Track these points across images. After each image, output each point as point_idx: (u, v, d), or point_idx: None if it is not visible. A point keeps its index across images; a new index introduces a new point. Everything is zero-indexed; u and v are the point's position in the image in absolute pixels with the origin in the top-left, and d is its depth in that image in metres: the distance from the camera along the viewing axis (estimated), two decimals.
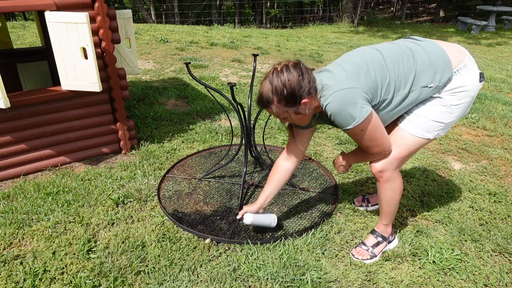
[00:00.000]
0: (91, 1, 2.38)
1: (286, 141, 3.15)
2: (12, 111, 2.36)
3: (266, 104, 1.57)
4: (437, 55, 1.55)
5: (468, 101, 1.60)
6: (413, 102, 1.60)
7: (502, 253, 1.92)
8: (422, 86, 1.55)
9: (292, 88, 1.49)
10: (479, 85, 1.59)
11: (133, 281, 1.70)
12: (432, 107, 1.60)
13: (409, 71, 1.54)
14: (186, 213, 2.17)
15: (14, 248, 1.88)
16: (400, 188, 1.76)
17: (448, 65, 1.54)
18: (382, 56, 1.56)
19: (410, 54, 1.55)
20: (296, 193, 2.40)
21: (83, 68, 2.28)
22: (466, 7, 15.32)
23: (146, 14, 15.47)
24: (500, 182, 2.61)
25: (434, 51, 1.56)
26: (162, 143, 3.01)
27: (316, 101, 1.57)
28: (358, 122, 1.50)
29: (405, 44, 1.61)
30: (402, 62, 1.54)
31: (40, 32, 3.19)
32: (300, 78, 1.50)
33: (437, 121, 1.61)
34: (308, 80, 1.51)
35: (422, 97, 1.59)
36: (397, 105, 1.59)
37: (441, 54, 1.55)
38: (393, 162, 1.68)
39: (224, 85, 4.60)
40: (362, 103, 1.49)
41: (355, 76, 1.51)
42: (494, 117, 3.87)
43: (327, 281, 1.72)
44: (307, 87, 1.50)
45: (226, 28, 10.01)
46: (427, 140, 1.65)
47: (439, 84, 1.55)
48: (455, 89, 1.56)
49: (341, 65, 1.57)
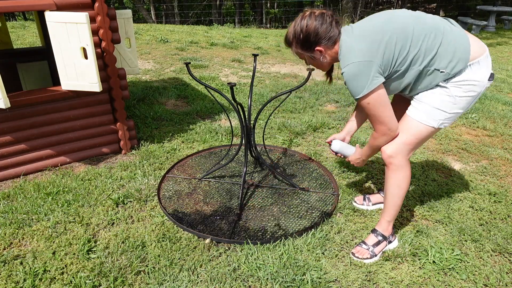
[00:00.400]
0: (91, 1, 2.38)
1: (286, 141, 3.16)
2: (12, 111, 2.36)
3: (287, 44, 1.74)
4: (462, 44, 1.56)
5: (473, 95, 1.62)
6: (422, 81, 1.63)
7: (502, 253, 1.92)
8: (436, 68, 1.57)
9: (308, 33, 1.61)
10: (487, 83, 1.61)
11: (133, 281, 1.70)
12: (437, 95, 1.64)
13: (431, 49, 1.55)
14: (186, 213, 2.17)
15: (14, 248, 1.88)
16: (407, 179, 1.77)
17: (466, 57, 1.56)
18: (412, 26, 1.56)
19: (440, 34, 1.56)
20: (296, 193, 2.40)
21: (83, 68, 2.29)
22: (466, 7, 15.31)
23: (146, 14, 15.47)
24: (500, 182, 2.61)
25: (462, 40, 1.57)
26: (162, 143, 3.01)
27: (334, 53, 1.67)
28: (365, 93, 1.56)
29: (440, 22, 1.60)
30: (428, 38, 1.55)
31: (40, 32, 3.19)
32: (318, 26, 1.60)
33: (440, 109, 1.64)
34: (327, 31, 1.61)
35: (432, 80, 1.62)
36: (408, 77, 1.63)
37: (465, 45, 1.57)
38: (402, 147, 1.71)
39: (224, 85, 4.60)
40: (374, 76, 1.55)
41: (374, 47, 1.55)
42: (494, 117, 3.87)
43: (327, 281, 1.72)
44: (322, 37, 1.61)
45: (226, 28, 10.01)
46: (432, 128, 1.67)
47: (449, 72, 1.57)
48: (462, 82, 1.59)
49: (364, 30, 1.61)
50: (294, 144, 3.11)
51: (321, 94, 4.42)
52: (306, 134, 3.32)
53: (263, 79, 5.05)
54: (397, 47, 1.55)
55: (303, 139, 3.22)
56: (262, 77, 5.19)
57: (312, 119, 3.60)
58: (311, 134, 3.32)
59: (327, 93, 4.45)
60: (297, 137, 3.24)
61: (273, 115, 3.71)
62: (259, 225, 2.08)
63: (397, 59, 1.57)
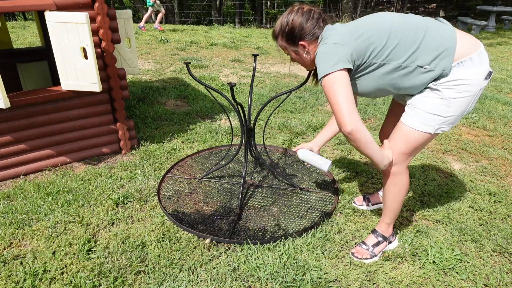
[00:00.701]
0: (91, 1, 2.38)
1: (286, 141, 3.16)
2: (12, 111, 2.36)
3: (274, 37, 1.75)
4: (447, 40, 1.49)
5: (469, 95, 1.51)
6: (405, 80, 1.56)
7: (502, 253, 1.92)
8: (418, 65, 1.51)
9: (293, 27, 1.64)
10: (483, 82, 1.50)
11: (133, 281, 1.70)
12: (430, 99, 1.56)
13: (411, 44, 1.50)
14: (186, 213, 2.17)
15: (14, 248, 1.88)
16: (406, 185, 1.74)
17: (451, 53, 1.48)
18: (392, 20, 1.54)
19: (422, 30, 1.50)
20: (296, 193, 2.40)
21: (83, 68, 2.29)
22: (466, 7, 15.31)
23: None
24: (500, 182, 2.61)
25: (447, 36, 1.50)
26: (162, 143, 3.01)
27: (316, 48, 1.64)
28: (329, 71, 1.49)
29: (425, 20, 1.56)
30: (409, 33, 1.50)
31: (40, 32, 3.19)
32: (303, 21, 1.62)
33: (434, 114, 1.56)
34: (312, 27, 1.62)
35: (418, 80, 1.54)
36: (386, 73, 1.56)
37: (451, 41, 1.49)
38: (399, 157, 1.66)
39: (224, 85, 4.60)
40: (342, 59, 1.50)
41: (349, 34, 1.54)
42: (494, 117, 3.87)
43: (327, 281, 1.72)
44: (307, 32, 1.63)
45: (226, 28, 10.00)
46: (428, 134, 1.59)
47: (433, 69, 1.50)
48: (453, 82, 1.50)
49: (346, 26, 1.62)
50: (294, 144, 3.11)
51: (321, 94, 4.42)
52: (306, 134, 3.32)
53: (263, 79, 5.05)
54: (372, 39, 1.52)
55: (303, 139, 3.22)
56: (262, 77, 5.19)
57: (312, 119, 3.60)
58: (311, 134, 3.32)
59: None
60: (297, 137, 3.24)
61: (273, 115, 3.71)
62: (259, 225, 2.08)
63: (373, 50, 1.52)
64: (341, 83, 1.49)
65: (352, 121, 1.47)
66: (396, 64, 1.53)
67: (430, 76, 1.52)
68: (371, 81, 1.61)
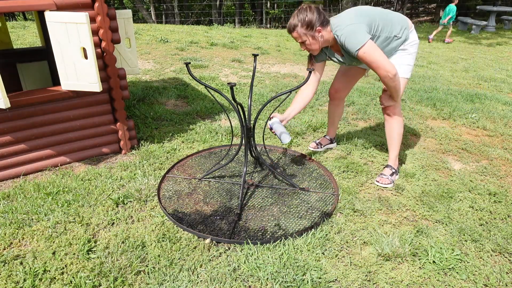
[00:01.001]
0: (91, 1, 2.38)
1: None
2: (12, 111, 2.36)
3: (292, 28, 2.24)
4: (403, 18, 2.35)
5: (416, 49, 2.41)
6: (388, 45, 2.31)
7: (502, 253, 1.92)
8: (394, 35, 2.29)
9: (310, 18, 2.19)
10: (418, 41, 2.42)
11: (133, 281, 1.70)
12: (404, 57, 2.37)
13: (387, 22, 2.26)
14: (186, 213, 2.17)
15: (14, 248, 1.88)
16: (402, 122, 2.51)
17: (408, 25, 2.36)
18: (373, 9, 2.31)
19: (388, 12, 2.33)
20: (296, 193, 2.40)
21: (83, 68, 2.29)
22: (466, 7, 15.31)
23: (146, 14, 15.48)
24: (500, 182, 2.61)
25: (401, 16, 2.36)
26: (162, 143, 3.01)
27: (328, 33, 2.25)
28: (363, 42, 2.12)
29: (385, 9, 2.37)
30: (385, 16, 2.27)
31: (40, 32, 3.19)
32: (316, 14, 2.19)
33: (409, 64, 2.39)
34: (322, 17, 2.21)
35: (394, 45, 2.33)
36: (380, 42, 2.27)
37: (405, 18, 2.37)
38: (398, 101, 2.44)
39: (224, 85, 4.60)
40: (364, 32, 2.15)
41: (357, 17, 2.20)
42: (494, 117, 3.87)
43: (327, 281, 1.72)
44: (321, 20, 2.20)
45: (226, 28, 10.01)
46: (407, 79, 2.40)
47: (402, 37, 2.31)
48: (412, 42, 2.36)
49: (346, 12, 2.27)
50: (294, 144, 3.11)
51: (321, 94, 4.42)
52: (306, 134, 3.32)
53: (263, 79, 5.05)
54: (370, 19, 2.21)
55: (303, 139, 3.22)
56: (262, 77, 5.19)
57: (312, 119, 3.60)
58: (311, 134, 3.32)
59: (327, 93, 4.45)
60: (297, 137, 3.24)
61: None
62: (259, 225, 2.08)
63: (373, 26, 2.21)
64: (374, 46, 2.16)
65: (394, 68, 2.18)
66: (384, 35, 2.27)
67: (399, 42, 2.33)
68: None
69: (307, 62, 2.55)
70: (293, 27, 2.23)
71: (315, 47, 2.29)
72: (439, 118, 3.85)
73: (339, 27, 2.18)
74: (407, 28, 2.32)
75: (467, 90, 4.89)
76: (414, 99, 4.39)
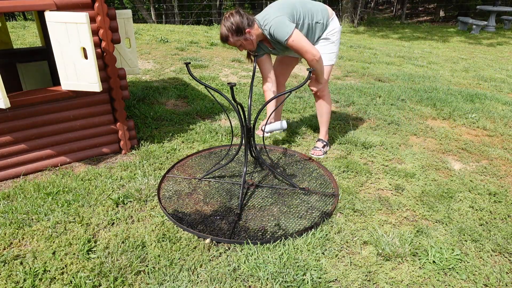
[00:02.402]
0: (91, 1, 2.38)
1: (286, 141, 3.16)
2: (12, 111, 2.36)
3: (224, 39, 2.48)
4: (324, 7, 2.62)
5: (339, 37, 2.68)
6: (313, 31, 2.59)
7: (502, 253, 1.92)
8: (316, 21, 2.56)
9: (237, 24, 2.40)
10: (340, 27, 2.69)
11: (133, 281, 1.70)
12: (328, 45, 2.66)
13: (308, 9, 2.53)
14: (186, 213, 2.17)
15: (14, 248, 1.88)
16: (330, 102, 2.87)
17: (329, 13, 2.63)
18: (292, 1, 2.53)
19: (308, 2, 2.58)
20: (296, 193, 2.40)
21: (83, 68, 2.29)
22: (466, 7, 15.32)
23: (146, 14, 15.47)
24: (500, 182, 2.61)
25: (321, 4, 2.62)
26: (162, 143, 3.01)
27: (257, 30, 2.50)
28: (290, 32, 2.39)
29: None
30: (305, 5, 2.54)
31: (40, 32, 3.19)
32: (240, 18, 2.41)
33: (332, 52, 2.68)
34: (247, 18, 2.44)
35: (318, 32, 2.61)
36: (305, 28, 2.54)
37: (325, 7, 2.64)
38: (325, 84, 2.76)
39: (224, 85, 4.60)
40: (289, 23, 2.41)
41: (280, 9, 2.44)
42: (494, 117, 3.87)
43: (327, 281, 1.72)
44: (246, 22, 2.43)
45: None
46: (331, 66, 2.72)
47: (323, 23, 2.59)
48: (332, 31, 2.63)
49: (269, 7, 2.52)
50: (294, 144, 3.11)
51: None
52: (306, 134, 3.32)
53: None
54: (293, 9, 2.46)
55: (303, 139, 3.22)
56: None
57: (312, 119, 3.60)
58: (311, 134, 3.32)
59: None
60: (297, 137, 3.24)
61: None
62: (259, 225, 2.08)
63: (295, 15, 2.47)
64: (300, 34, 2.44)
65: (318, 52, 2.49)
66: (307, 22, 2.53)
67: (321, 27, 2.59)
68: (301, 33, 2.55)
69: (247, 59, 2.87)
70: (226, 37, 2.45)
71: (251, 46, 2.53)
72: (439, 118, 3.85)
73: (266, 21, 2.43)
74: (327, 15, 2.59)
75: (467, 90, 4.89)
76: (414, 99, 4.39)
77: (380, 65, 6.55)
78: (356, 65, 6.28)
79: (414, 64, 6.79)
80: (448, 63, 7.07)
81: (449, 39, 10.65)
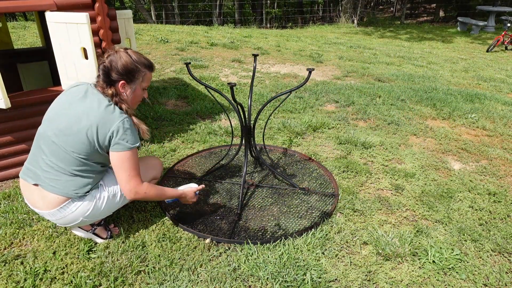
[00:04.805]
0: (92, 2, 2.38)
1: (286, 141, 3.16)
2: (12, 111, 2.36)
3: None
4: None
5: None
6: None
7: (501, 253, 1.93)
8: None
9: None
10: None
11: (133, 281, 1.70)
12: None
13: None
14: (186, 213, 2.17)
15: (15, 248, 1.88)
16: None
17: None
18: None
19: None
20: (296, 193, 2.41)
21: (83, 68, 2.29)
22: (466, 7, 15.32)
23: (146, 14, 15.48)
24: (500, 182, 2.61)
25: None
26: (162, 143, 3.02)
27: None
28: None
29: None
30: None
31: (41, 32, 3.20)
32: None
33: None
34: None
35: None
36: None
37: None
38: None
39: (224, 85, 4.60)
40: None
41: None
42: (494, 117, 3.87)
43: (327, 280, 1.72)
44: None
45: (226, 28, 10.01)
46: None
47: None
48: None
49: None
50: (294, 144, 3.12)
51: (321, 94, 4.43)
52: (306, 134, 3.32)
53: (263, 79, 5.06)
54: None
55: (303, 139, 3.23)
56: (262, 77, 5.19)
57: (312, 119, 3.60)
58: (311, 134, 3.32)
59: (327, 93, 4.45)
60: (297, 137, 3.24)
61: (273, 115, 3.71)
62: (259, 225, 2.09)
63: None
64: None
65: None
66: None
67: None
68: None
69: None
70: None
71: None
72: (439, 118, 3.86)
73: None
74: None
75: (467, 90, 4.90)
76: (414, 99, 4.39)
77: (380, 65, 6.55)
78: (356, 65, 6.29)
79: (414, 64, 6.79)
80: (447, 63, 7.08)
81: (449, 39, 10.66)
